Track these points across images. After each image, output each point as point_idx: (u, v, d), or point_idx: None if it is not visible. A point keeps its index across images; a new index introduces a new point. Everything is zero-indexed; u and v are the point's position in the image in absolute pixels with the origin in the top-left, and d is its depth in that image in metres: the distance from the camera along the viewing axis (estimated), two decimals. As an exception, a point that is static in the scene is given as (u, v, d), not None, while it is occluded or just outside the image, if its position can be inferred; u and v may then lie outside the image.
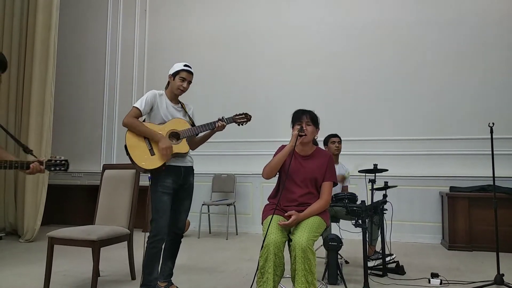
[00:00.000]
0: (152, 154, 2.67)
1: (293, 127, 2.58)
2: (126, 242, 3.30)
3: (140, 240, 3.71)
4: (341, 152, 4.16)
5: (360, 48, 5.77)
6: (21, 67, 5.64)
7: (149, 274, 2.68)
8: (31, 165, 2.23)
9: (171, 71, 2.85)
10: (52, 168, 2.35)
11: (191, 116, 2.98)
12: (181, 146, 2.79)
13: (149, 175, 2.69)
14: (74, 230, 3.08)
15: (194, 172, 2.98)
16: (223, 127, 2.90)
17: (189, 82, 2.86)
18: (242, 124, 3.03)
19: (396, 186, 4.14)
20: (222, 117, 2.94)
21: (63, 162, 2.38)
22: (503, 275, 3.14)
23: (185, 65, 2.85)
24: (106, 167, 3.64)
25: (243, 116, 3.03)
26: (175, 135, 2.77)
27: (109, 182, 3.51)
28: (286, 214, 2.40)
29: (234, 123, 3.01)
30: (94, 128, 6.88)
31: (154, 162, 2.66)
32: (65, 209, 6.51)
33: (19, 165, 2.20)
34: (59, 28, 5.60)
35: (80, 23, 7.18)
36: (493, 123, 3.37)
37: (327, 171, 2.54)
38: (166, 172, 2.71)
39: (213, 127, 2.89)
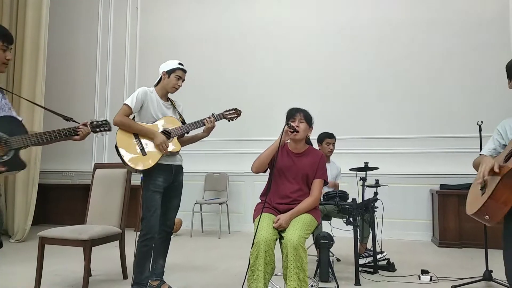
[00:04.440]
0: (144, 154, 2.66)
1: None
2: (117, 242, 3.29)
3: (132, 239, 3.70)
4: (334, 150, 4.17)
5: (352, 48, 5.79)
6: (11, 65, 5.57)
7: (141, 273, 2.67)
8: (79, 130, 2.18)
9: (166, 68, 2.83)
10: (97, 130, 2.30)
11: (181, 113, 2.98)
12: (172, 146, 2.78)
13: (142, 175, 2.69)
14: (65, 229, 3.07)
15: (187, 170, 2.98)
16: (211, 122, 2.86)
17: (183, 81, 2.88)
18: (232, 120, 3.02)
19: (387, 185, 4.18)
20: (213, 114, 2.94)
21: (104, 122, 2.32)
22: (491, 271, 3.19)
23: (180, 63, 2.85)
24: (98, 166, 3.62)
25: (233, 111, 3.04)
26: (166, 134, 2.77)
27: (100, 181, 3.49)
28: (274, 221, 2.41)
29: (224, 120, 2.99)
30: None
31: (146, 162, 2.65)
32: (56, 209, 6.46)
33: (67, 132, 2.11)
34: (49, 26, 5.54)
35: (70, 21, 7.11)
36: (481, 121, 3.42)
37: (319, 169, 2.57)
38: (158, 171, 2.71)
39: (203, 125, 2.88)
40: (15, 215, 5.16)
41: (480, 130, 3.42)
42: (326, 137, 4.05)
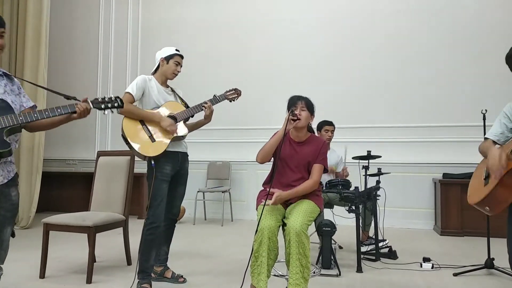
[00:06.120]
0: (153, 140, 2.66)
1: None
2: (121, 229, 3.32)
3: (136, 226, 3.73)
4: (335, 139, 4.17)
5: (355, 37, 5.74)
6: (13, 54, 5.56)
7: (146, 261, 2.68)
8: (76, 107, 1.96)
9: (164, 55, 2.83)
10: (103, 106, 2.05)
11: (182, 98, 2.98)
12: (180, 129, 2.78)
13: (153, 163, 2.66)
14: (70, 216, 3.09)
15: (189, 159, 2.99)
16: (208, 108, 2.86)
17: (181, 67, 2.88)
18: (233, 100, 3.07)
19: (389, 173, 4.18)
20: (214, 95, 2.96)
21: (113, 98, 2.08)
22: (493, 259, 3.20)
23: (177, 50, 2.87)
24: (101, 153, 3.64)
25: (233, 91, 3.08)
26: (171, 119, 2.77)
27: (104, 169, 3.50)
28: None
29: (227, 101, 3.04)
30: (88, 115, 6.82)
31: (155, 148, 2.65)
32: (60, 196, 6.51)
33: (62, 110, 1.91)
34: (51, 14, 5.51)
35: (72, 9, 7.06)
36: (485, 110, 3.40)
37: (319, 155, 2.56)
38: (165, 159, 2.71)
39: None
40: (20, 202, 5.18)
41: (484, 119, 3.41)
42: (325, 125, 4.06)
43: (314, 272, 3.07)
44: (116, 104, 2.09)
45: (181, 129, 2.79)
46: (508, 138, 1.97)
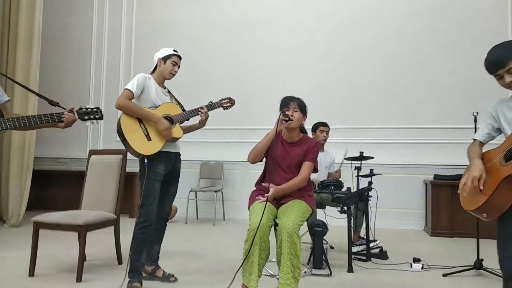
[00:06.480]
0: (149, 139, 2.66)
1: None
2: (112, 227, 3.30)
3: (127, 225, 3.72)
4: (328, 140, 4.19)
5: (348, 38, 5.76)
6: (4, 51, 5.50)
7: (137, 260, 2.68)
8: (63, 117, 2.01)
9: (161, 55, 2.85)
10: (86, 117, 2.13)
11: (178, 100, 3.00)
12: (176, 131, 2.80)
13: (146, 161, 2.68)
14: (60, 214, 3.07)
15: (182, 158, 3.00)
16: (204, 114, 2.92)
17: (179, 67, 2.89)
18: (227, 108, 3.14)
19: (381, 174, 4.20)
20: (210, 102, 2.98)
21: (95, 109, 2.17)
22: (482, 260, 3.24)
23: (174, 50, 2.88)
24: (92, 152, 3.62)
25: (228, 100, 3.15)
26: (168, 120, 2.78)
27: (95, 168, 3.48)
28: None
29: (221, 108, 3.10)
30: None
31: (151, 147, 2.65)
32: (50, 195, 6.45)
33: (49, 118, 1.96)
34: (44, 11, 5.46)
35: (65, 7, 7.01)
36: (477, 112, 3.44)
37: (310, 153, 2.57)
38: (159, 159, 2.72)
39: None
40: (10, 200, 5.15)
41: (475, 121, 3.44)
42: (320, 125, 4.11)
43: (305, 272, 3.09)
44: (97, 116, 2.19)
45: (177, 131, 2.80)
46: (494, 138, 2.00)
